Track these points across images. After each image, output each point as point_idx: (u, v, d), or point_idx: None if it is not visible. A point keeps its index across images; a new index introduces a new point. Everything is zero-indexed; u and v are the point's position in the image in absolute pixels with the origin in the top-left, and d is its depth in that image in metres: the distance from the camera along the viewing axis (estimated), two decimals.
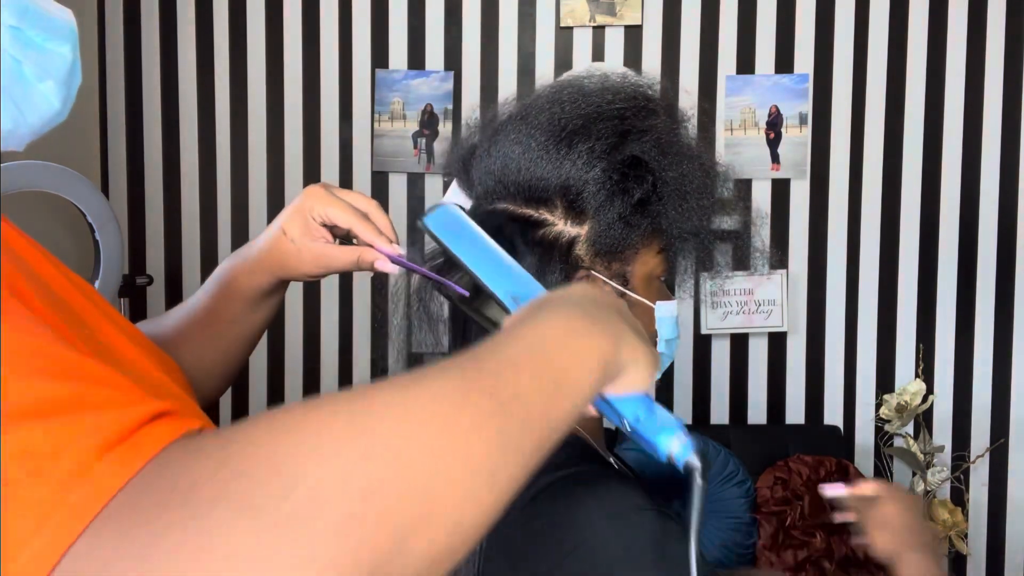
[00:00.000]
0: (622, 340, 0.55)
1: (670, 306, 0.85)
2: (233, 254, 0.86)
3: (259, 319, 0.88)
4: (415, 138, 2.46)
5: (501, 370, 0.47)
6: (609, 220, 0.78)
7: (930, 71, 2.44)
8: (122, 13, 2.47)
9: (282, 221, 0.81)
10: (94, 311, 0.65)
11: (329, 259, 0.80)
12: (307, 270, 0.81)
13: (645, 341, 0.58)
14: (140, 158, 2.50)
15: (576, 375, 0.50)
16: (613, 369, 0.54)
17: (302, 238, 0.79)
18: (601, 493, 0.70)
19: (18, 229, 0.72)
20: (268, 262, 0.82)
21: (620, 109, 0.80)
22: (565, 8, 2.43)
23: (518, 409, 0.46)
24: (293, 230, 0.80)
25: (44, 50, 0.63)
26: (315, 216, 0.79)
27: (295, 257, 0.80)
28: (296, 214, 0.80)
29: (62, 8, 0.65)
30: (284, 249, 0.80)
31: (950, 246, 2.46)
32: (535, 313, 0.53)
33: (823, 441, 2.38)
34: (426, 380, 0.45)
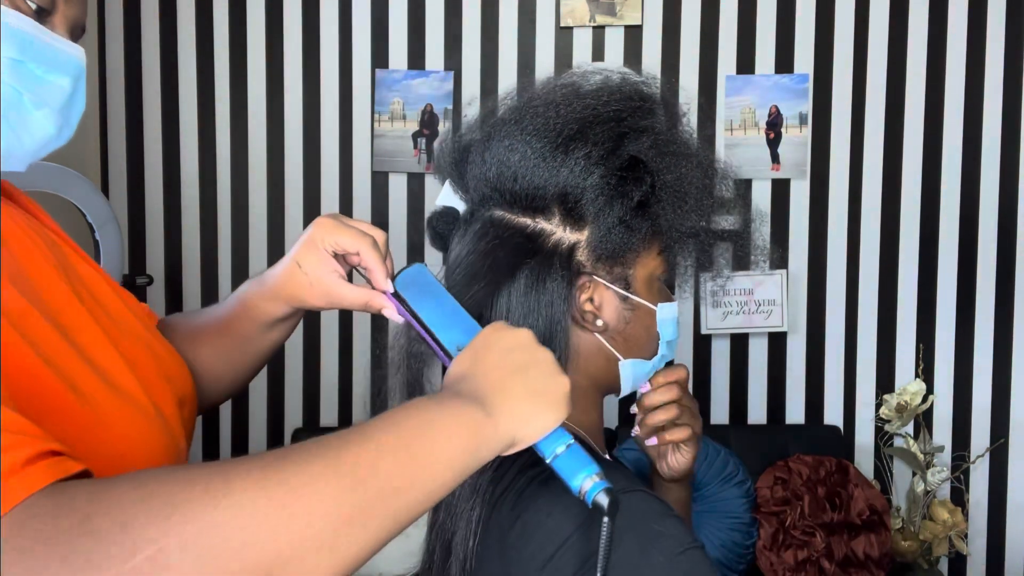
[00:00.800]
0: (504, 405, 0.62)
1: (671, 308, 0.85)
2: (254, 278, 0.89)
3: (272, 339, 0.91)
4: (415, 138, 2.46)
5: (363, 452, 0.53)
6: (609, 224, 0.77)
7: (930, 71, 2.45)
8: (122, 13, 2.47)
9: (294, 253, 0.83)
10: (79, 311, 0.68)
11: (339, 297, 0.82)
12: (317, 304, 0.83)
13: (551, 386, 0.64)
14: (140, 158, 2.50)
15: (441, 454, 0.57)
16: (494, 434, 0.60)
17: (314, 271, 0.81)
18: None
19: (24, 216, 0.73)
20: (282, 291, 0.84)
21: (616, 110, 0.79)
22: (565, 8, 2.43)
23: (375, 487, 0.52)
24: (306, 262, 0.82)
25: (43, 81, 0.70)
26: (326, 246, 0.81)
27: (307, 289, 0.82)
28: (308, 246, 0.82)
29: (72, 45, 0.72)
30: (297, 281, 0.83)
31: (950, 246, 2.46)
32: (417, 405, 0.60)
33: (823, 441, 2.38)
34: (286, 462, 0.51)
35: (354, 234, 0.80)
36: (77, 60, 0.72)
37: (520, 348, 0.66)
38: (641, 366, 0.85)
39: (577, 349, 0.81)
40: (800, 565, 2.15)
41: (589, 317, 0.80)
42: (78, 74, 0.73)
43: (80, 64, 0.73)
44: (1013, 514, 2.48)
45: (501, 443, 0.61)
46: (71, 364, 0.63)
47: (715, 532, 2.17)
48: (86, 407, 0.62)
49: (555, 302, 0.77)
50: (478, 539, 0.73)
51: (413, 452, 0.55)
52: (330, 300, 0.82)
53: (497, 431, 0.61)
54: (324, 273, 0.81)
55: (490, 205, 0.81)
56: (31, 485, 0.47)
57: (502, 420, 0.61)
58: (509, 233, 0.79)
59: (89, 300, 0.72)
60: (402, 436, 0.56)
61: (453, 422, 0.59)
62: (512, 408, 0.62)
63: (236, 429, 2.53)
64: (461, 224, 0.84)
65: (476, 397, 0.62)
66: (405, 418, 0.58)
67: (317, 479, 0.51)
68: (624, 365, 0.84)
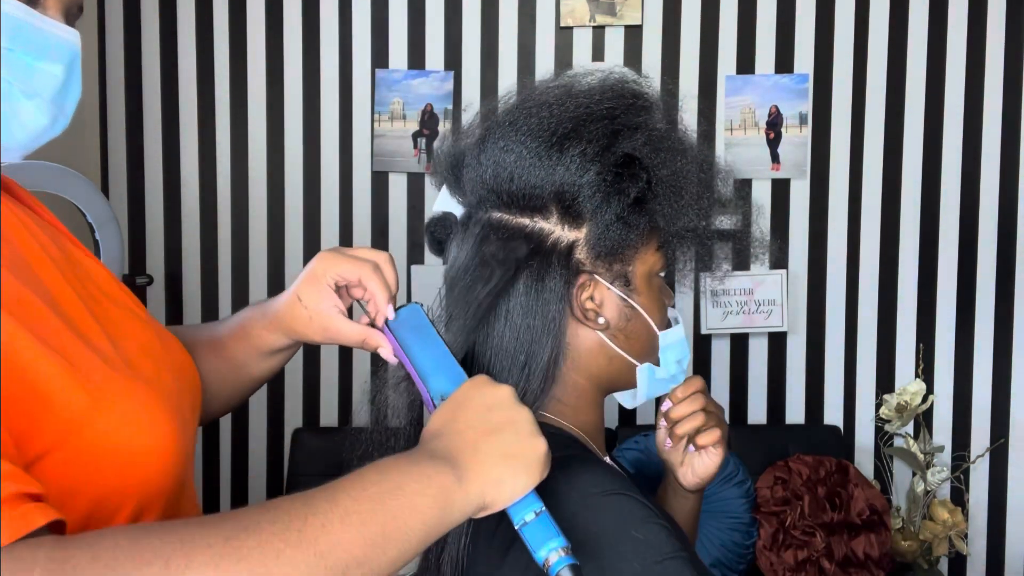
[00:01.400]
0: (476, 468, 0.61)
1: (675, 332, 0.85)
2: (259, 303, 0.89)
3: (267, 367, 0.90)
4: (415, 138, 2.46)
5: (328, 524, 0.54)
6: (607, 222, 0.77)
7: (930, 71, 2.44)
8: (122, 13, 2.47)
9: (296, 286, 0.83)
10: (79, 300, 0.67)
11: (337, 332, 0.82)
12: (315, 338, 0.83)
13: (526, 449, 0.63)
14: (140, 158, 2.50)
15: (407, 521, 0.57)
16: (464, 499, 0.60)
17: (315, 305, 0.81)
18: (571, 476, 0.71)
19: (27, 214, 0.72)
20: (282, 323, 0.84)
21: (609, 108, 0.79)
22: (565, 8, 2.43)
23: (338, 559, 0.53)
24: (306, 296, 0.82)
25: (34, 69, 0.66)
26: (328, 280, 0.81)
27: (306, 324, 0.82)
28: (309, 279, 0.82)
29: (66, 29, 0.68)
30: (297, 314, 0.83)
31: (950, 246, 2.46)
32: (388, 464, 0.60)
33: (823, 441, 2.39)
34: (248, 536, 0.51)
35: (355, 262, 0.80)
36: (71, 45, 0.69)
37: (499, 407, 0.65)
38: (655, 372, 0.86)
39: (577, 348, 0.81)
40: (800, 565, 2.15)
41: (591, 315, 0.80)
42: (72, 60, 0.69)
43: (74, 49, 0.69)
44: (1013, 514, 2.48)
45: (470, 507, 0.61)
46: (72, 346, 0.62)
47: (715, 532, 2.17)
48: (88, 385, 0.61)
49: (555, 300, 0.78)
50: (469, 538, 0.73)
51: (380, 521, 0.55)
52: (328, 335, 0.82)
53: (467, 497, 0.61)
54: (324, 308, 0.81)
55: (487, 207, 0.81)
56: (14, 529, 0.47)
57: (473, 485, 0.61)
58: (508, 234, 0.79)
59: (96, 292, 0.72)
60: (369, 504, 0.56)
61: (422, 488, 0.58)
62: (484, 471, 0.62)
63: (236, 429, 2.53)
64: (459, 228, 0.84)
65: (449, 458, 0.62)
66: (374, 482, 0.58)
67: (280, 556, 0.51)
68: (641, 370, 0.84)
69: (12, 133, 0.67)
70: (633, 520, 0.68)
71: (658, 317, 0.84)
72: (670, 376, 0.87)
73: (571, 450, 0.75)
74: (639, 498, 0.70)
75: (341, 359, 2.52)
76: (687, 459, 0.92)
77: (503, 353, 0.78)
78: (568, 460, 0.73)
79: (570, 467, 0.72)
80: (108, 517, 0.62)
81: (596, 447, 0.83)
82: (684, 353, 0.87)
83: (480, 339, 0.79)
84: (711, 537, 2.16)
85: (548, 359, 0.77)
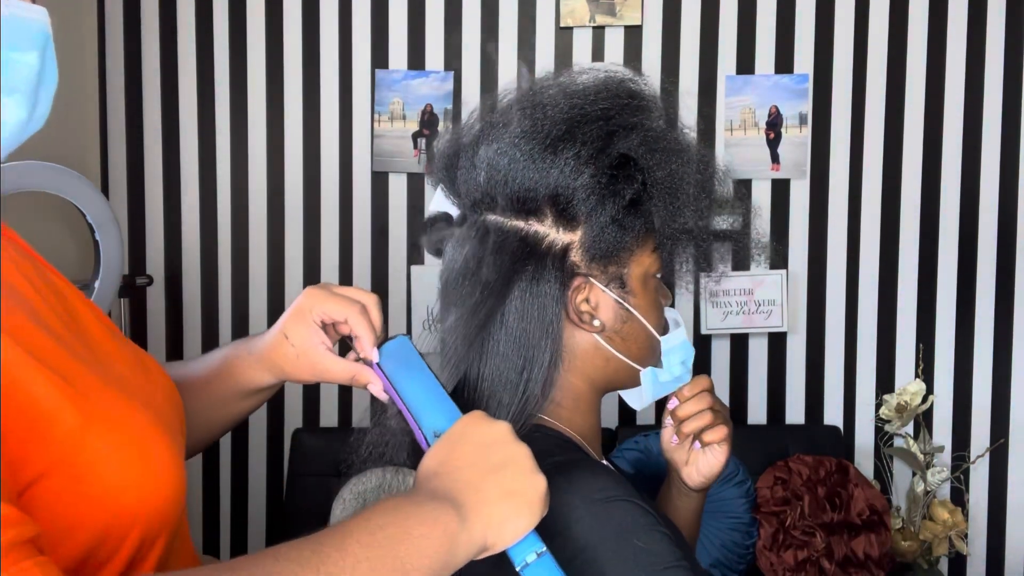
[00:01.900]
0: (478, 508, 0.61)
1: (676, 335, 0.85)
2: (243, 340, 0.87)
3: (245, 408, 0.88)
4: (415, 138, 2.46)
5: (342, 570, 0.53)
6: (602, 224, 0.77)
7: (930, 71, 2.44)
8: (122, 13, 2.47)
9: (282, 323, 0.82)
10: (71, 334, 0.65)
11: (324, 370, 0.80)
12: (302, 377, 0.82)
13: (527, 487, 0.63)
14: (140, 158, 2.50)
15: (415, 563, 0.57)
16: (468, 540, 0.60)
17: (301, 342, 0.80)
18: (575, 481, 0.70)
19: (18, 252, 0.68)
20: (269, 361, 0.83)
21: (604, 108, 0.78)
22: (565, 8, 2.43)
23: None
24: (293, 333, 0.80)
25: (8, 62, 0.60)
26: (314, 317, 0.80)
27: (293, 361, 0.81)
28: (296, 316, 0.81)
29: (32, 8, 0.62)
30: (284, 352, 0.81)
31: (950, 246, 2.46)
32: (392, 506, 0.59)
33: (823, 441, 2.38)
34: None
35: (342, 301, 0.79)
36: (41, 27, 0.62)
37: (497, 443, 0.64)
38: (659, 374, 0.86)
39: (573, 350, 0.81)
40: (800, 565, 2.15)
41: (586, 317, 0.79)
42: (44, 43, 0.63)
43: (44, 31, 0.63)
44: (1013, 514, 2.48)
45: (474, 548, 0.61)
46: (65, 364, 0.60)
47: (715, 532, 2.17)
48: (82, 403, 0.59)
49: (551, 304, 0.77)
50: None
51: (389, 567, 0.55)
52: (315, 373, 0.81)
53: (471, 537, 0.60)
54: (311, 345, 0.80)
55: (482, 209, 0.81)
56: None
57: (476, 526, 0.60)
58: (503, 237, 0.78)
59: (82, 319, 0.70)
60: (378, 550, 0.56)
61: (428, 531, 0.58)
62: (486, 511, 0.61)
63: (236, 430, 2.52)
64: (454, 229, 0.83)
65: (450, 498, 0.61)
66: (380, 527, 0.57)
67: None
68: (645, 374, 0.84)
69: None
70: (636, 528, 0.68)
71: (654, 318, 0.83)
72: (675, 377, 0.87)
73: (572, 454, 0.75)
74: (642, 504, 0.70)
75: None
76: (692, 458, 0.92)
77: (501, 358, 0.77)
78: (570, 464, 0.72)
79: (572, 471, 0.71)
80: (110, 554, 0.60)
81: (593, 450, 0.83)
82: (688, 354, 0.87)
83: (477, 345, 0.78)
84: (711, 537, 2.16)
85: (548, 363, 0.77)
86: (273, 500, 2.53)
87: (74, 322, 0.68)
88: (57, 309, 0.66)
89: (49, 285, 0.69)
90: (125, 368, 0.69)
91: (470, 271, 0.79)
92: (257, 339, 0.85)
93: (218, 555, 2.51)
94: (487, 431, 0.65)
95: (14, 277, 0.65)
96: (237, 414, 0.88)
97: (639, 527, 0.68)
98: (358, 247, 2.49)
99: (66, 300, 0.71)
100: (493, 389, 0.77)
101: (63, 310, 0.68)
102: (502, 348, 0.77)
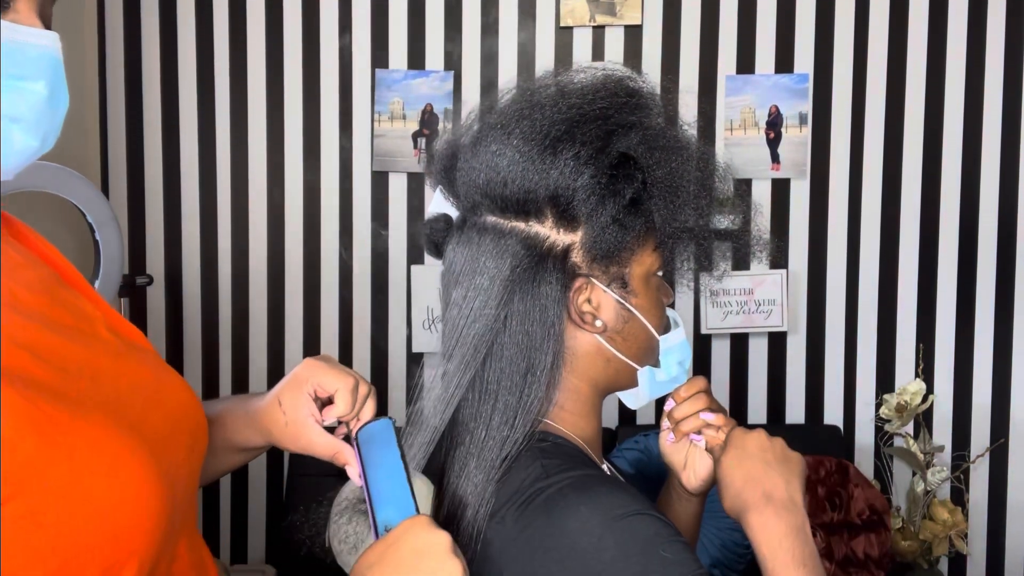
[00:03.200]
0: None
1: (675, 335, 0.85)
2: (243, 397, 0.88)
3: (233, 462, 0.89)
4: (415, 138, 2.46)
5: None
6: (603, 224, 0.76)
7: (930, 71, 2.44)
8: (122, 14, 2.47)
9: (278, 390, 0.83)
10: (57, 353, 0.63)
11: (309, 442, 0.82)
12: (288, 446, 0.83)
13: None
14: (140, 158, 2.50)
15: None
16: None
17: (292, 412, 0.81)
18: (593, 499, 0.70)
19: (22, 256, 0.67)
20: (260, 423, 0.84)
21: (603, 108, 0.78)
22: (565, 8, 2.43)
23: None
24: (286, 401, 0.82)
25: (16, 90, 0.60)
26: (309, 388, 0.81)
27: (281, 429, 0.82)
28: (292, 384, 0.82)
29: (42, 34, 0.61)
30: (274, 418, 0.82)
31: (950, 246, 2.46)
32: None
33: (823, 441, 2.38)
34: None
35: (339, 376, 0.81)
36: (51, 54, 0.62)
37: (429, 555, 0.64)
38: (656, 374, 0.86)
39: (575, 351, 0.80)
40: None
41: (588, 319, 0.79)
42: (54, 71, 0.63)
43: (54, 58, 0.62)
44: (1013, 514, 2.48)
45: None
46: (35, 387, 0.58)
47: (715, 532, 2.17)
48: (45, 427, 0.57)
49: (552, 305, 0.77)
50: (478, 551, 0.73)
51: None
52: (300, 444, 0.82)
53: None
54: (301, 416, 0.81)
55: (482, 211, 0.80)
56: None
57: None
58: (503, 238, 0.78)
59: (88, 330, 0.69)
60: None
61: None
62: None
63: None
64: (454, 231, 0.83)
65: None
66: None
67: None
68: (642, 373, 0.84)
69: (3, 159, 0.63)
70: (660, 540, 0.68)
71: (656, 318, 0.83)
72: (671, 378, 0.87)
73: (586, 468, 0.75)
74: (660, 516, 0.70)
75: (341, 359, 2.51)
76: (689, 462, 0.92)
77: (503, 361, 0.77)
78: (587, 481, 0.72)
79: (590, 489, 0.71)
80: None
81: (595, 453, 0.83)
82: (686, 354, 0.87)
83: (479, 348, 0.78)
84: (711, 537, 2.16)
85: (550, 365, 0.77)
86: (273, 500, 2.52)
87: (74, 336, 0.66)
88: (57, 321, 0.64)
89: (51, 295, 0.67)
90: (125, 385, 0.67)
91: (470, 273, 0.78)
92: (255, 399, 0.86)
93: (218, 555, 2.51)
94: (423, 539, 0.65)
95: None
96: (226, 467, 0.88)
97: (663, 539, 0.68)
98: (358, 247, 2.49)
99: (76, 310, 0.69)
100: (496, 392, 0.77)
101: (65, 322, 0.66)
102: (504, 351, 0.77)
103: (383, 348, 2.50)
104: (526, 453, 0.75)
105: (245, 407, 0.85)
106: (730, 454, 0.83)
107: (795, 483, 0.81)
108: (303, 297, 2.50)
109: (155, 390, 0.71)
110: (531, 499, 0.71)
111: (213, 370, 2.52)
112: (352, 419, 0.82)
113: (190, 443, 0.73)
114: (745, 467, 0.82)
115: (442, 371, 0.79)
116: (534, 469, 0.73)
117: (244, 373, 2.51)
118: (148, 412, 0.67)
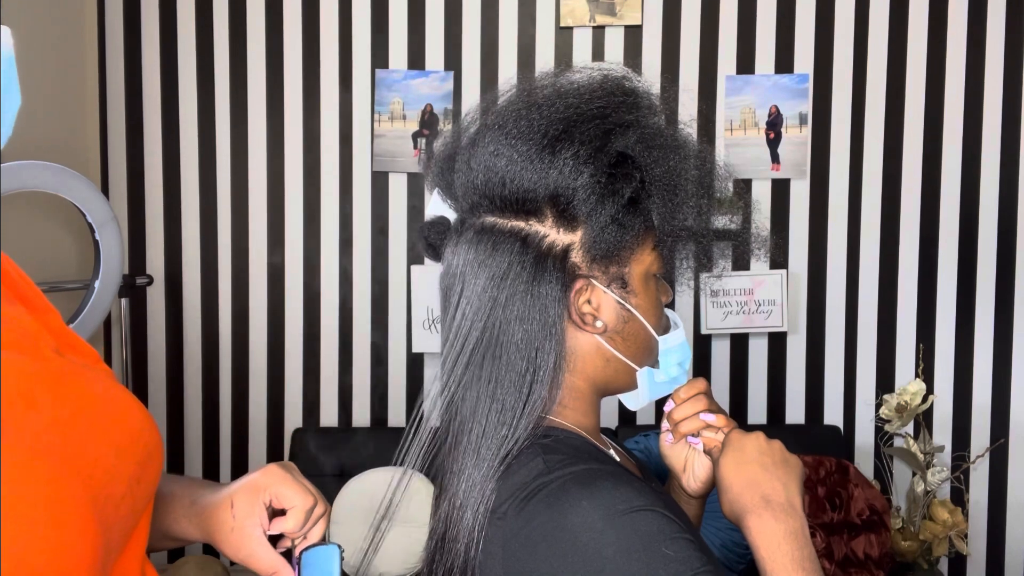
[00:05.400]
0: None
1: (675, 336, 0.85)
2: (198, 485, 0.83)
3: (162, 546, 0.84)
4: (415, 138, 2.46)
5: None
6: (602, 224, 0.76)
7: (930, 71, 2.44)
8: (122, 13, 2.47)
9: (233, 490, 0.79)
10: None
11: (250, 554, 0.79)
12: (228, 552, 0.79)
13: None
14: (140, 158, 2.50)
15: None
16: None
17: (241, 517, 0.78)
18: (595, 493, 0.70)
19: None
20: (204, 522, 0.80)
21: (600, 107, 0.78)
22: (565, 8, 2.43)
23: None
24: (239, 504, 0.78)
25: None
26: (265, 497, 0.78)
27: (225, 534, 0.79)
28: (248, 488, 0.79)
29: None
30: (221, 519, 0.79)
31: (950, 246, 2.46)
32: None
33: (823, 441, 2.38)
34: None
35: (297, 491, 0.78)
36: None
37: None
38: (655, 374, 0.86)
39: (574, 351, 0.81)
40: None
41: (588, 319, 0.79)
42: (6, 64, 0.59)
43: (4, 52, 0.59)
44: (1013, 514, 2.48)
45: None
46: None
47: (715, 532, 2.17)
48: None
49: (552, 305, 0.77)
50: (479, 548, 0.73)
51: None
52: (241, 555, 0.79)
53: None
54: (249, 524, 0.78)
55: (480, 212, 0.80)
56: None
57: None
58: (502, 239, 0.78)
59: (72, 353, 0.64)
60: None
61: None
62: None
63: (236, 429, 2.53)
64: (453, 233, 0.83)
65: None
66: None
67: None
68: (641, 374, 0.84)
69: None
70: (663, 537, 0.68)
71: (655, 318, 0.83)
72: (671, 379, 0.87)
73: (590, 462, 0.74)
74: (665, 512, 0.70)
75: (341, 359, 2.52)
76: (689, 464, 0.92)
77: (505, 362, 0.77)
78: (590, 475, 0.72)
79: (592, 484, 0.70)
80: None
81: (597, 442, 0.83)
82: (685, 355, 0.87)
83: (480, 349, 0.78)
84: (711, 537, 2.16)
85: (552, 365, 0.77)
86: None
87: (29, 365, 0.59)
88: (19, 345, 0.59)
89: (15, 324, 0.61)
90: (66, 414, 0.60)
91: (470, 274, 0.78)
92: (206, 490, 0.82)
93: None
94: None
95: None
96: (152, 549, 0.82)
97: (665, 536, 0.68)
98: (358, 247, 2.49)
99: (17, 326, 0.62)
100: (496, 392, 0.77)
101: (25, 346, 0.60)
102: (504, 351, 0.77)
103: (383, 348, 2.50)
104: (528, 450, 0.75)
105: (193, 499, 0.80)
106: (728, 457, 0.83)
107: (793, 486, 0.80)
108: (303, 297, 2.50)
109: (101, 414, 0.63)
110: (533, 494, 0.71)
111: (213, 370, 2.52)
112: (299, 538, 0.79)
113: (137, 473, 0.65)
114: (743, 470, 0.81)
115: (442, 371, 0.79)
116: (536, 465, 0.73)
117: (244, 373, 2.51)
118: (90, 442, 0.60)
